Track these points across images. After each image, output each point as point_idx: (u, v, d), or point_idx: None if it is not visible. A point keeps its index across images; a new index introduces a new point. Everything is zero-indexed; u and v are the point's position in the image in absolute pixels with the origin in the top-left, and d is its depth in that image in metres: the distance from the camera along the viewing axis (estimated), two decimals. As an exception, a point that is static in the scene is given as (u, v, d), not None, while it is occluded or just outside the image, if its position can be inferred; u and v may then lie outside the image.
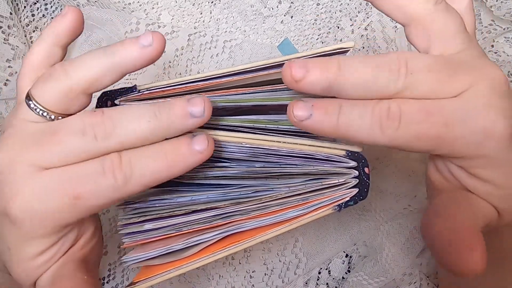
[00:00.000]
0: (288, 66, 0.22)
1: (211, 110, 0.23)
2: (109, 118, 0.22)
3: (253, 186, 0.26)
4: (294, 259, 0.41)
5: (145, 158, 0.22)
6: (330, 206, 0.26)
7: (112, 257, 0.40)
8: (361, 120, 0.22)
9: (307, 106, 0.22)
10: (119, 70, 0.23)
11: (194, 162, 0.23)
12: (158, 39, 0.23)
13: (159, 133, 0.23)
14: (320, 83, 0.22)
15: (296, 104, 0.22)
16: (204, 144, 0.23)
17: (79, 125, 0.22)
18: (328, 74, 0.22)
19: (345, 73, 0.21)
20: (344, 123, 0.22)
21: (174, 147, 0.23)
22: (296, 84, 0.22)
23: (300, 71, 0.22)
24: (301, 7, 0.41)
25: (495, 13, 0.38)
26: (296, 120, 0.22)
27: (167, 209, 0.27)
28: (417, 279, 0.40)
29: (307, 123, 0.22)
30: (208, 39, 0.41)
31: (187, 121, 0.23)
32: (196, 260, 0.26)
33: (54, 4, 0.43)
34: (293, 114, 0.22)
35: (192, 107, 0.22)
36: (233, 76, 0.26)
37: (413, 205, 0.40)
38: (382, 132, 0.21)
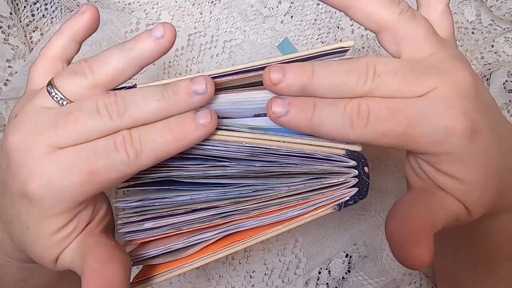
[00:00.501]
0: (267, 70, 0.24)
1: (214, 88, 0.25)
2: (121, 99, 0.24)
3: (253, 185, 0.26)
4: (294, 259, 0.41)
5: (153, 134, 0.24)
6: (330, 206, 0.26)
7: (112, 257, 0.40)
8: (333, 117, 0.23)
9: (284, 103, 0.24)
10: (137, 64, 0.25)
11: (198, 136, 0.24)
12: (170, 30, 0.25)
13: (167, 111, 0.24)
14: (295, 85, 0.24)
15: (275, 101, 0.24)
16: (207, 117, 0.24)
17: (93, 105, 0.24)
18: (302, 77, 0.24)
19: (318, 77, 0.24)
20: (317, 120, 0.24)
21: (179, 122, 0.24)
22: (274, 87, 0.24)
23: (277, 75, 0.24)
24: (301, 7, 0.41)
25: (495, 13, 0.38)
26: (274, 116, 0.24)
27: (167, 208, 0.27)
28: (417, 279, 0.40)
29: (283, 119, 0.24)
30: (208, 39, 0.41)
31: (192, 99, 0.24)
32: (196, 260, 0.26)
33: (54, 4, 0.43)
34: (271, 110, 0.24)
35: (195, 85, 0.24)
36: (233, 75, 0.26)
37: (413, 205, 0.39)
38: (352, 129, 0.23)
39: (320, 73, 0.24)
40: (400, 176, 0.40)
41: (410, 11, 0.25)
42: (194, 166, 0.26)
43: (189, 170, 0.26)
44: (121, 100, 0.24)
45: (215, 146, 0.26)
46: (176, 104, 0.24)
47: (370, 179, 0.26)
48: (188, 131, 0.24)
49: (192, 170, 0.26)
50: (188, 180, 0.27)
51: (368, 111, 0.23)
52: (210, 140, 0.25)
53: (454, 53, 0.25)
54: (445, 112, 0.23)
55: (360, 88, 0.23)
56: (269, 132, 0.26)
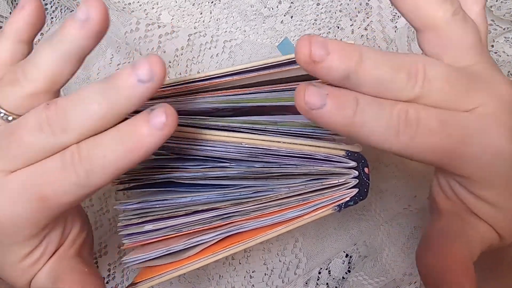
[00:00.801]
0: (307, 41, 0.19)
1: (164, 71, 0.20)
2: (62, 110, 0.20)
3: (253, 186, 0.26)
4: (294, 259, 0.41)
5: (102, 148, 0.20)
6: (330, 206, 0.26)
7: (112, 257, 0.40)
8: (377, 120, 0.19)
9: (321, 94, 0.19)
10: (73, 57, 0.21)
11: (154, 143, 0.20)
12: (94, 7, 0.20)
13: (114, 112, 0.20)
14: (338, 70, 0.19)
15: (309, 89, 0.19)
16: (161, 118, 0.20)
17: (35, 121, 0.21)
18: (349, 62, 0.19)
19: (366, 66, 0.19)
20: (359, 120, 0.19)
21: (130, 129, 0.20)
22: (312, 65, 0.19)
23: (320, 51, 0.19)
24: (301, 7, 0.41)
25: (495, 13, 0.38)
26: (306, 108, 0.19)
27: (167, 210, 0.27)
28: (417, 279, 0.40)
29: (317, 113, 0.19)
30: (208, 39, 0.41)
31: (137, 90, 0.19)
32: (197, 261, 0.26)
33: (54, 4, 0.43)
34: (304, 100, 0.19)
35: (137, 70, 0.19)
36: (233, 76, 0.26)
37: (413, 205, 0.40)
38: (397, 138, 0.20)
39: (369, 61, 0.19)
40: (400, 176, 0.40)
41: (462, 13, 0.22)
42: (194, 167, 0.26)
43: (189, 171, 0.26)
44: (62, 110, 0.20)
45: (215, 147, 0.25)
46: (120, 102, 0.20)
47: (370, 180, 0.25)
48: (141, 139, 0.20)
49: (192, 171, 0.26)
50: (188, 181, 0.27)
51: (417, 118, 0.19)
52: (209, 141, 0.25)
53: (492, 62, 0.23)
54: (496, 131, 0.20)
55: (408, 91, 0.20)
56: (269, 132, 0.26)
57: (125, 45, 0.40)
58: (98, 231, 0.40)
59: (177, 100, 0.26)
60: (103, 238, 0.40)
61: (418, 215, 0.40)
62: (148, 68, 0.19)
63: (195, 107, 0.26)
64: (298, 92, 0.20)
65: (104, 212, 0.40)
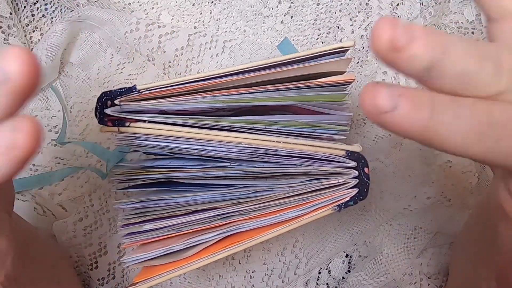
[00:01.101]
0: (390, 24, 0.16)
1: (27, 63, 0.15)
2: None
3: (253, 186, 0.26)
4: (294, 259, 0.41)
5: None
6: (330, 206, 0.26)
7: (112, 257, 0.40)
8: (457, 123, 0.17)
9: (393, 95, 0.16)
10: None
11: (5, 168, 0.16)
12: None
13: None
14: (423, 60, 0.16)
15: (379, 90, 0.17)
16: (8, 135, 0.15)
17: None
18: (435, 51, 0.16)
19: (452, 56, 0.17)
20: (436, 123, 0.17)
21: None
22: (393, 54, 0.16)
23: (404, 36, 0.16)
24: (301, 7, 0.41)
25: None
26: (375, 112, 0.17)
27: (167, 209, 0.27)
28: (417, 279, 0.40)
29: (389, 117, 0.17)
30: (208, 39, 0.40)
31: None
32: (196, 261, 0.26)
33: (54, 4, 0.43)
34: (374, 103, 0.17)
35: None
36: (233, 76, 0.26)
37: (413, 205, 0.40)
38: (480, 142, 0.17)
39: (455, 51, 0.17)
40: (400, 176, 0.40)
41: None
42: (194, 167, 0.26)
43: (189, 171, 0.26)
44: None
45: (215, 146, 0.25)
46: None
47: (370, 180, 0.25)
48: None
49: (192, 171, 0.26)
50: (188, 181, 0.27)
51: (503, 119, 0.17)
52: (209, 141, 0.25)
53: None
54: None
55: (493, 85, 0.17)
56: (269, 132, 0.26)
57: (125, 45, 0.40)
58: (98, 231, 0.40)
59: (177, 100, 0.26)
60: (103, 238, 0.40)
61: (418, 215, 0.40)
62: None
63: (195, 107, 0.26)
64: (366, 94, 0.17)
65: (104, 212, 0.40)
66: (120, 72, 0.42)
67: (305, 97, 0.26)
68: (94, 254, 0.40)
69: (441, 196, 0.39)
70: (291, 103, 0.26)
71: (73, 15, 0.40)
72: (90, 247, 0.40)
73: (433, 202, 0.39)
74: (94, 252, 0.40)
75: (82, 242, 0.39)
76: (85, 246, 0.40)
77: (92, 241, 0.40)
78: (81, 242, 0.39)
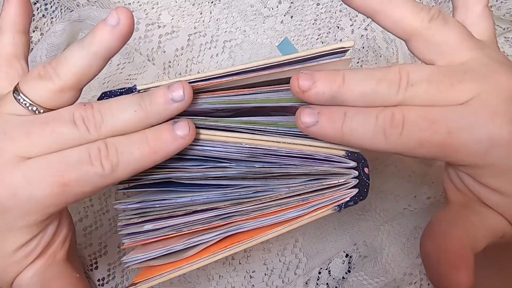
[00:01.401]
0: (296, 77, 0.23)
1: (192, 94, 0.24)
2: (98, 111, 0.23)
3: (253, 186, 0.26)
4: (294, 259, 0.41)
5: (130, 146, 0.23)
6: (330, 207, 0.26)
7: (112, 257, 0.40)
8: (365, 127, 0.22)
9: (313, 113, 0.23)
10: (101, 58, 0.24)
11: (175, 148, 0.24)
12: (124, 14, 0.24)
13: (144, 121, 0.24)
14: (324, 94, 0.23)
15: (303, 110, 0.23)
16: (185, 129, 0.24)
17: (70, 116, 0.23)
18: (332, 86, 0.23)
19: (349, 86, 0.22)
20: (348, 130, 0.23)
21: (156, 133, 0.23)
22: (302, 94, 0.23)
23: (306, 82, 0.23)
24: (301, 7, 0.41)
25: (495, 13, 0.38)
26: (303, 126, 0.23)
27: (167, 209, 0.27)
28: (418, 279, 0.40)
29: (313, 130, 0.23)
30: (208, 39, 0.40)
31: (170, 107, 0.23)
32: (197, 261, 0.26)
33: (54, 4, 0.43)
34: (300, 120, 0.23)
35: (172, 92, 0.23)
36: (233, 76, 0.26)
37: (413, 205, 0.40)
38: (385, 138, 0.22)
39: (351, 81, 0.23)
40: (400, 176, 0.40)
41: (441, 17, 0.23)
42: (194, 168, 0.26)
43: (189, 171, 0.26)
44: (98, 112, 0.23)
45: (215, 147, 0.25)
46: (153, 113, 0.23)
47: (370, 180, 0.25)
48: (165, 143, 0.23)
49: (192, 172, 0.26)
50: (188, 181, 0.27)
51: (402, 119, 0.22)
52: (209, 141, 0.25)
53: (495, 56, 0.23)
54: (489, 120, 0.21)
55: (392, 98, 0.22)
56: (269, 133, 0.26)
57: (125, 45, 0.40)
58: (98, 231, 0.40)
59: (177, 100, 0.26)
60: (103, 238, 0.40)
61: (418, 215, 0.40)
62: (182, 91, 0.23)
63: (195, 107, 0.26)
64: (296, 115, 0.23)
65: (104, 212, 0.40)
66: (120, 72, 0.42)
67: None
68: (94, 254, 0.40)
69: (441, 196, 0.39)
70: (291, 104, 0.26)
71: (73, 15, 0.40)
72: (90, 247, 0.40)
73: (433, 202, 0.39)
74: (94, 253, 0.40)
75: (82, 242, 0.39)
76: (85, 247, 0.40)
77: (92, 241, 0.40)
78: (81, 242, 0.39)
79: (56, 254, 0.26)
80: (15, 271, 0.24)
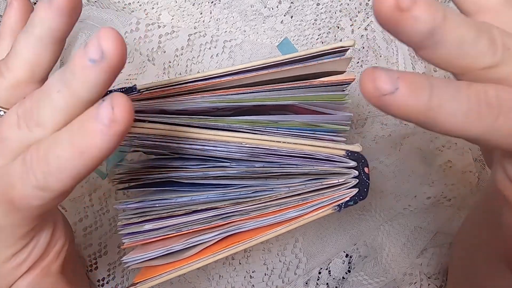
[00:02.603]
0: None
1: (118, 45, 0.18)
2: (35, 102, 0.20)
3: (253, 186, 0.26)
4: (294, 259, 0.41)
5: (56, 147, 0.19)
6: (330, 206, 0.26)
7: (112, 257, 0.40)
8: (456, 103, 0.18)
9: (392, 78, 0.17)
10: (49, 42, 0.21)
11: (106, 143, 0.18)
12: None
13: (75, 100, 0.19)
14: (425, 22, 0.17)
15: (378, 73, 0.17)
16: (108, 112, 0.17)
17: (14, 117, 0.20)
18: (436, 15, 0.17)
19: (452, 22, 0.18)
20: (436, 104, 0.17)
21: (80, 125, 0.18)
22: (398, 14, 0.17)
23: None
24: (301, 7, 0.41)
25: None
26: (376, 94, 0.17)
27: (167, 209, 0.27)
28: (418, 279, 0.40)
29: (389, 99, 0.17)
30: (208, 39, 0.40)
31: (90, 72, 0.18)
32: (197, 261, 0.26)
33: (54, 4, 0.43)
34: (375, 85, 0.17)
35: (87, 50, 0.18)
36: (233, 75, 0.26)
37: (413, 205, 0.40)
38: (479, 119, 0.18)
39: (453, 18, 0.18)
40: (400, 176, 0.40)
41: None
42: (194, 167, 0.26)
43: (189, 170, 0.26)
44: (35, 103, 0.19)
45: (216, 146, 0.25)
46: (78, 88, 0.18)
47: (370, 180, 0.25)
48: (91, 138, 0.18)
49: (192, 171, 0.26)
50: (188, 181, 0.27)
51: (498, 99, 0.18)
52: (210, 141, 0.25)
53: None
54: None
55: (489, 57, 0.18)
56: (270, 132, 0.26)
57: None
58: (98, 231, 0.40)
59: (177, 100, 0.26)
60: (103, 238, 0.40)
61: (418, 215, 0.40)
62: (97, 45, 0.17)
63: (195, 107, 0.26)
64: (365, 77, 0.18)
65: (104, 212, 0.40)
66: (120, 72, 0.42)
67: (305, 97, 0.26)
68: (94, 254, 0.40)
69: (441, 196, 0.39)
70: (291, 103, 0.26)
71: (73, 15, 0.40)
72: (90, 248, 0.40)
73: (433, 202, 0.39)
74: (94, 253, 0.40)
75: (82, 242, 0.39)
76: (85, 247, 0.40)
77: (92, 241, 0.40)
78: (81, 243, 0.39)
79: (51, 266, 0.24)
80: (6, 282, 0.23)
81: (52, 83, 0.19)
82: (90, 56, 0.18)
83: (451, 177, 0.39)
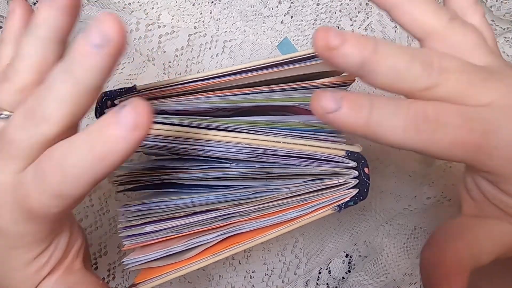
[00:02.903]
0: (325, 31, 0.19)
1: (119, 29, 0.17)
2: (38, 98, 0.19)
3: (253, 187, 0.26)
4: (294, 259, 0.41)
5: (72, 155, 0.18)
6: (330, 207, 0.26)
7: (112, 257, 0.40)
8: (395, 119, 0.20)
9: (335, 97, 0.19)
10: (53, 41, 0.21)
11: (127, 148, 0.18)
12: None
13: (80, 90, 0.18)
14: (354, 57, 0.19)
15: (324, 94, 0.19)
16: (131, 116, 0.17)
17: (19, 118, 0.19)
18: (364, 50, 0.19)
19: (381, 54, 0.19)
20: (375, 121, 0.19)
21: (100, 131, 0.18)
22: (328, 52, 0.19)
23: (337, 38, 0.19)
24: (301, 7, 0.41)
25: (495, 13, 0.38)
26: (321, 112, 0.20)
27: (167, 211, 0.27)
28: (418, 279, 0.40)
29: (333, 117, 0.20)
30: (208, 39, 0.40)
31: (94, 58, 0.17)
32: (197, 262, 0.26)
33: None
34: (320, 104, 0.19)
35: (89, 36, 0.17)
36: (233, 75, 0.26)
37: (413, 205, 0.40)
38: (417, 134, 0.20)
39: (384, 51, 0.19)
40: (400, 176, 0.40)
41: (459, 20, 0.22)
42: (194, 168, 0.26)
43: (189, 172, 0.26)
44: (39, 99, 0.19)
45: (215, 146, 0.25)
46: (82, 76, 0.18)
47: (370, 180, 0.25)
48: (113, 144, 0.18)
49: (192, 172, 0.26)
50: (188, 182, 0.27)
51: (437, 113, 0.19)
52: (210, 141, 0.25)
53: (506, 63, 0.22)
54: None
55: (424, 80, 0.20)
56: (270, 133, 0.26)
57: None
58: (98, 231, 0.40)
59: (177, 100, 0.26)
60: (103, 238, 0.40)
61: (418, 215, 0.40)
62: (99, 30, 0.17)
63: (195, 107, 0.26)
64: (314, 98, 0.20)
65: (104, 212, 0.40)
66: (120, 72, 0.42)
67: (305, 97, 0.26)
68: (94, 254, 0.40)
69: (441, 196, 0.39)
70: (291, 103, 0.26)
71: (73, 15, 0.40)
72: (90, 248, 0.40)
73: (433, 202, 0.39)
74: (94, 253, 0.40)
75: (82, 242, 0.39)
76: (85, 247, 0.40)
77: (92, 241, 0.40)
78: (81, 243, 0.39)
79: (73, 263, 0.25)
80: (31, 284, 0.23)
81: (54, 76, 0.19)
82: (93, 41, 0.17)
83: (451, 177, 0.39)
